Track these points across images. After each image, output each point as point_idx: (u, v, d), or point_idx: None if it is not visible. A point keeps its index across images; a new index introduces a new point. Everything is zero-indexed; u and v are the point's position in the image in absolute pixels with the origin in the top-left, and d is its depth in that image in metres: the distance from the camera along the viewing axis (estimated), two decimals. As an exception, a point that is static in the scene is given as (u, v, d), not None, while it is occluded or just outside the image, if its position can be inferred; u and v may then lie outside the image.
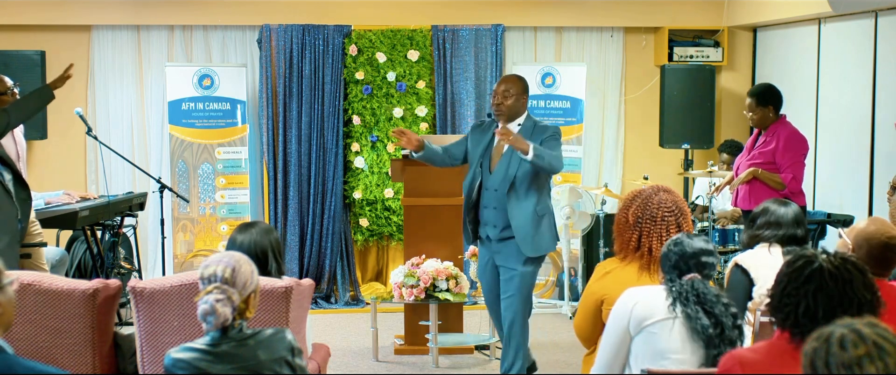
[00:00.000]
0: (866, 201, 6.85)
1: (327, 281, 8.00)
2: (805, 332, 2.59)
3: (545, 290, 8.03)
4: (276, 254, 4.06)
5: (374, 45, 7.96)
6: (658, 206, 3.70)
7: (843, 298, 2.58)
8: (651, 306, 3.21)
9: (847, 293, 2.58)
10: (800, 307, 2.60)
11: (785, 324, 2.65)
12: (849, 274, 2.60)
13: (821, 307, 2.58)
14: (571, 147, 8.06)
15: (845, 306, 2.57)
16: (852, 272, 2.61)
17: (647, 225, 3.69)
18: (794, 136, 6.00)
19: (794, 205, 4.22)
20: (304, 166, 7.96)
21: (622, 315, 3.25)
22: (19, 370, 2.60)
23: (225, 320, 3.01)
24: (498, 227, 5.14)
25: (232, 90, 7.84)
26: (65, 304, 3.86)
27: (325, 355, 4.44)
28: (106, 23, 8.01)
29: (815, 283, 2.60)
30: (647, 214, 3.70)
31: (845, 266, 2.61)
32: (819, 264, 2.62)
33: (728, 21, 8.38)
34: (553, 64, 8.20)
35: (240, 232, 4.06)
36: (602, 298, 3.69)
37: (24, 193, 5.26)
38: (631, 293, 3.29)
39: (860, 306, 2.58)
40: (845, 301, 2.57)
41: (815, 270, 2.61)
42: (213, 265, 3.08)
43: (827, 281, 2.59)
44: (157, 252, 7.69)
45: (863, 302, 2.58)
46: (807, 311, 2.59)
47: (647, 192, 3.76)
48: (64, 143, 8.00)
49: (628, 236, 3.73)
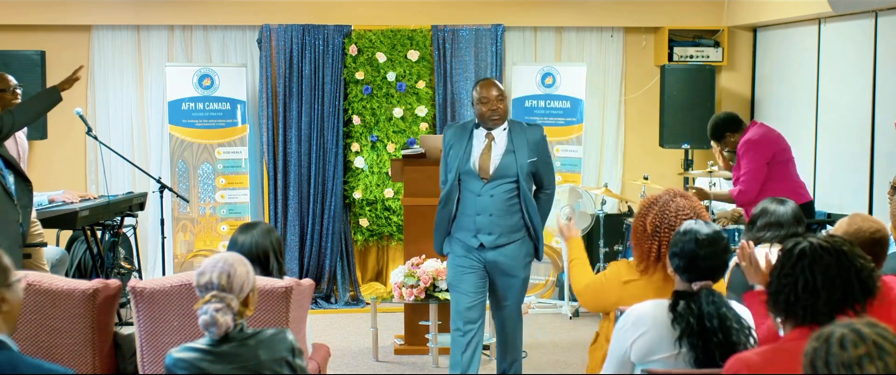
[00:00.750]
0: (866, 201, 6.85)
1: (327, 281, 8.00)
2: (807, 309, 2.58)
3: (545, 290, 8.03)
4: (278, 254, 4.08)
5: (374, 45, 7.96)
6: (676, 213, 3.58)
7: (840, 267, 2.58)
8: (656, 340, 3.13)
9: (842, 263, 2.58)
10: (798, 284, 2.60)
11: (787, 309, 2.63)
12: (839, 245, 2.62)
13: (819, 277, 2.58)
14: (571, 147, 8.07)
15: (843, 275, 2.57)
16: (843, 242, 2.63)
17: (665, 234, 3.57)
18: (748, 142, 6.07)
19: (791, 202, 4.21)
20: (304, 166, 7.96)
21: (623, 343, 3.20)
22: (23, 367, 2.60)
23: (227, 328, 3.02)
24: (494, 234, 4.98)
25: (232, 90, 7.84)
26: (65, 304, 3.87)
27: (325, 355, 4.44)
28: (106, 23, 8.01)
29: (808, 258, 2.61)
30: (665, 222, 3.58)
31: (834, 240, 2.63)
32: (808, 242, 2.63)
33: (728, 21, 8.38)
34: (553, 64, 8.20)
35: (241, 233, 4.07)
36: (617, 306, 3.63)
37: (27, 198, 5.24)
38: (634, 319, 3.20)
39: (859, 272, 2.58)
40: (842, 270, 2.58)
41: (805, 248, 2.62)
42: (209, 272, 3.07)
43: (820, 254, 2.60)
44: (157, 252, 7.70)
45: (860, 268, 2.59)
46: (806, 285, 2.59)
47: (664, 199, 3.64)
48: (64, 143, 8.00)
49: (647, 246, 3.61)
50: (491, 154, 5.01)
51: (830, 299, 2.55)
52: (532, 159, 5.01)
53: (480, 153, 5.01)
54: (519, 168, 4.96)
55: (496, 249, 5.01)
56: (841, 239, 2.65)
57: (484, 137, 5.04)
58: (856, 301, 2.57)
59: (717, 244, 3.21)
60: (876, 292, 2.60)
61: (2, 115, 5.27)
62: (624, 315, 3.26)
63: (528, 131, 5.06)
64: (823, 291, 2.57)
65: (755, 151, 6.02)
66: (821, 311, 2.56)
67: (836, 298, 2.56)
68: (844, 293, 2.57)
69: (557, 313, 7.58)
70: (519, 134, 5.04)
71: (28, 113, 5.44)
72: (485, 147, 5.02)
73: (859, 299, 2.58)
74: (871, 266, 2.62)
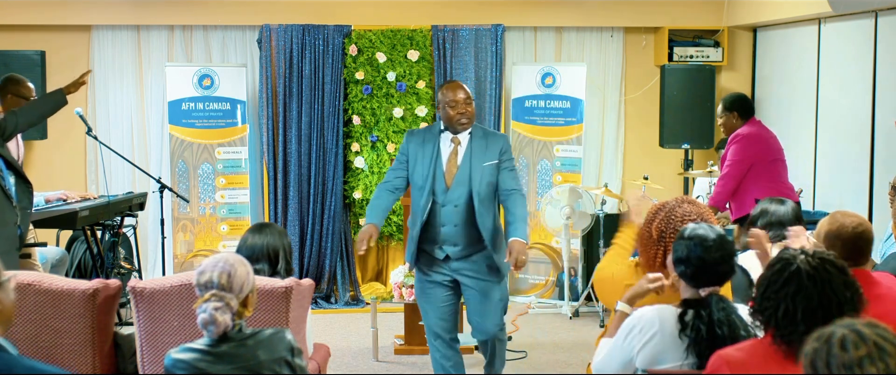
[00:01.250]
0: (866, 201, 6.85)
1: (327, 281, 8.00)
2: (785, 335, 2.62)
3: (545, 290, 8.03)
4: (288, 256, 4.19)
5: (374, 45, 7.96)
6: (682, 219, 3.53)
7: (823, 298, 2.59)
8: (663, 348, 3.11)
9: (826, 294, 2.59)
10: (779, 309, 2.62)
11: (767, 327, 2.68)
12: (827, 274, 2.61)
13: (800, 309, 2.59)
14: (571, 147, 8.07)
15: (825, 306, 2.58)
16: (831, 271, 2.62)
17: (671, 238, 3.52)
18: (738, 137, 6.10)
19: (789, 202, 4.25)
20: (304, 166, 7.96)
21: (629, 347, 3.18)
22: (19, 369, 2.60)
23: (226, 328, 3.03)
24: (459, 245, 4.80)
25: (232, 90, 7.84)
26: (65, 304, 3.87)
27: (325, 355, 4.44)
28: (106, 23, 8.01)
29: (793, 285, 2.62)
30: (671, 228, 3.54)
31: (824, 267, 2.62)
32: (797, 266, 2.63)
33: (728, 21, 8.38)
34: (553, 64, 8.20)
35: (253, 234, 4.14)
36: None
37: (27, 200, 5.22)
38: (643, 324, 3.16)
39: (841, 305, 2.59)
40: (825, 302, 2.59)
41: (793, 272, 2.63)
42: (209, 271, 3.07)
43: (805, 283, 2.61)
44: (157, 252, 7.70)
45: (843, 301, 2.60)
46: (786, 314, 2.61)
47: (671, 205, 3.61)
48: (64, 143, 8.00)
49: (654, 252, 3.58)
50: (457, 160, 4.83)
51: (809, 328, 2.51)
52: (492, 163, 4.80)
53: (447, 160, 4.84)
54: (481, 175, 4.77)
55: (461, 260, 4.85)
56: (831, 263, 2.63)
57: (450, 142, 4.87)
58: None
59: (725, 248, 3.17)
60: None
61: (6, 115, 5.26)
62: (631, 319, 3.22)
63: (490, 137, 4.87)
64: (802, 323, 2.59)
65: (742, 147, 6.08)
66: (800, 335, 2.56)
67: (816, 325, 2.52)
68: (824, 321, 2.55)
69: (557, 313, 7.58)
70: (481, 140, 4.84)
71: (32, 115, 5.42)
72: (451, 153, 4.84)
73: None
74: (856, 298, 2.62)
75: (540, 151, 8.12)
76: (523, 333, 6.95)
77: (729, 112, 6.21)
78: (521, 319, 7.37)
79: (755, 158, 6.05)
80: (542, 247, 8.09)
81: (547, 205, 7.67)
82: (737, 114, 6.19)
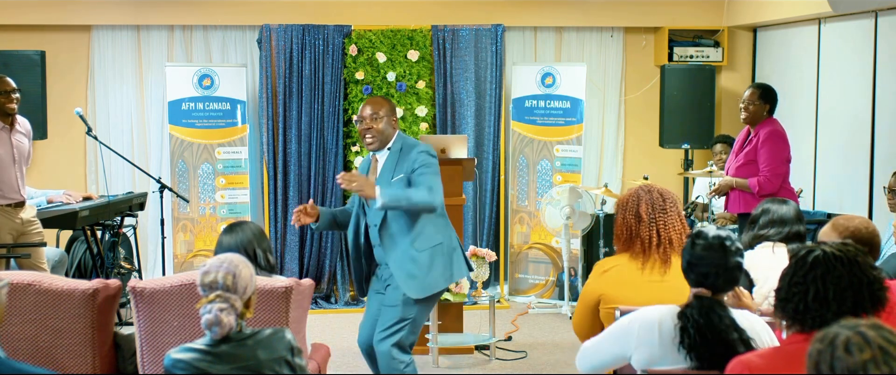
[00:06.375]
0: (866, 201, 6.85)
1: (327, 281, 8.00)
2: (816, 319, 2.57)
3: (545, 290, 8.03)
4: (266, 250, 4.08)
5: (374, 45, 7.95)
6: (661, 196, 3.75)
7: (852, 278, 2.57)
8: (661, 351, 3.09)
9: (855, 273, 2.57)
10: (809, 293, 2.59)
11: (795, 317, 2.62)
12: (853, 254, 2.61)
13: (831, 288, 2.57)
14: (571, 147, 8.06)
15: (855, 286, 2.56)
16: (856, 252, 2.62)
17: (660, 216, 3.71)
18: (775, 133, 6.07)
19: (791, 202, 4.30)
20: (304, 166, 7.96)
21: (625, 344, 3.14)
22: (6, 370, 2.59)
23: (230, 329, 3.02)
24: (389, 267, 4.48)
25: (232, 90, 7.83)
26: (65, 304, 3.87)
27: (325, 355, 4.44)
28: (106, 23, 8.01)
29: (821, 267, 2.59)
30: (657, 207, 3.72)
31: (847, 248, 2.62)
32: (822, 250, 2.62)
33: (728, 21, 8.38)
34: (553, 64, 8.19)
35: (226, 234, 4.09)
36: (599, 296, 3.69)
37: None
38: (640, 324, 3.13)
39: (870, 283, 2.57)
40: (855, 281, 2.57)
41: (819, 256, 2.61)
42: (213, 271, 3.07)
43: (834, 264, 2.59)
44: (157, 252, 7.69)
45: (872, 280, 2.58)
46: (816, 295, 2.58)
47: (644, 189, 3.79)
48: (64, 143, 8.00)
49: (647, 233, 3.70)
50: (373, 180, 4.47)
51: (840, 310, 2.54)
52: (399, 178, 4.44)
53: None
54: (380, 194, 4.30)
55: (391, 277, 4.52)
56: (854, 248, 2.64)
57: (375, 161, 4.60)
58: (864, 312, 2.56)
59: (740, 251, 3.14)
60: (885, 303, 2.59)
61: None
62: (630, 317, 3.17)
63: (405, 152, 4.48)
64: (834, 302, 2.56)
65: (782, 144, 6.03)
66: (829, 321, 2.54)
67: (845, 309, 2.54)
68: (854, 304, 2.55)
69: (557, 313, 7.58)
70: (395, 155, 4.50)
71: None
72: (371, 173, 4.58)
73: (868, 310, 2.56)
74: (882, 277, 2.61)
75: (540, 151, 8.12)
76: (523, 333, 6.95)
77: (764, 102, 6.07)
78: (521, 319, 7.37)
79: (788, 156, 6.07)
80: (542, 247, 8.09)
81: (547, 205, 7.67)
82: (769, 107, 6.11)
